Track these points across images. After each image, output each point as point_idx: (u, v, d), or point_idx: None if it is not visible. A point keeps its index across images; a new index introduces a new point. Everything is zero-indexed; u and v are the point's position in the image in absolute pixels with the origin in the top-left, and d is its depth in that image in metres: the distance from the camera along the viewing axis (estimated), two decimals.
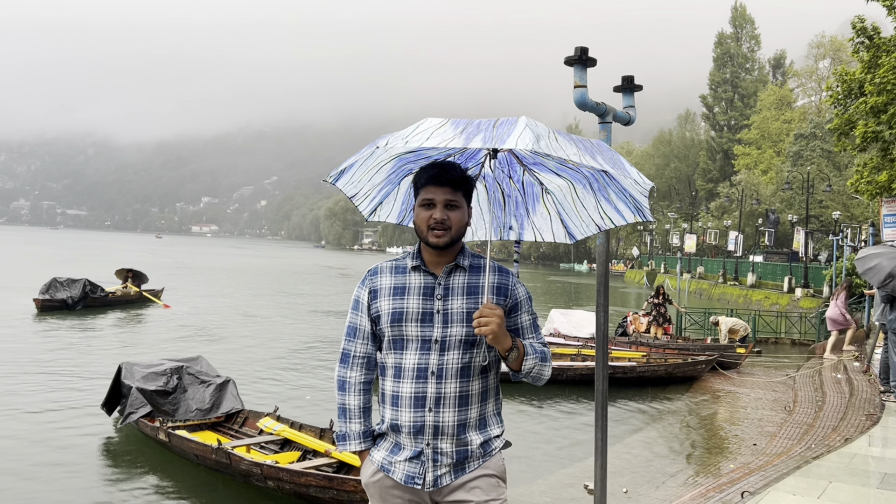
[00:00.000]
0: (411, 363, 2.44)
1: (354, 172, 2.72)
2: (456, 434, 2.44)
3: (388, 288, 2.51)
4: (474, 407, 2.48)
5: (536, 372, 2.48)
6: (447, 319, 2.44)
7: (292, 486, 6.99)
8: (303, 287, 41.23)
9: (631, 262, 79.36)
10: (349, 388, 2.57)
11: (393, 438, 2.51)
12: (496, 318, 2.32)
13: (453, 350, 2.44)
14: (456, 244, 2.51)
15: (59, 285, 23.91)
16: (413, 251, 2.57)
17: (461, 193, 2.48)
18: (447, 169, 2.45)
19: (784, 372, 15.27)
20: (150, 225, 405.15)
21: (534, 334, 2.57)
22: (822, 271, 35.60)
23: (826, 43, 63.75)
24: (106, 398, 9.68)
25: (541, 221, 2.94)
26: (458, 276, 2.50)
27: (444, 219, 2.43)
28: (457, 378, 2.44)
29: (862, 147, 18.49)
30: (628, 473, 8.33)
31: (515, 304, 2.55)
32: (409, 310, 2.46)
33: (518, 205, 2.94)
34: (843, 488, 5.83)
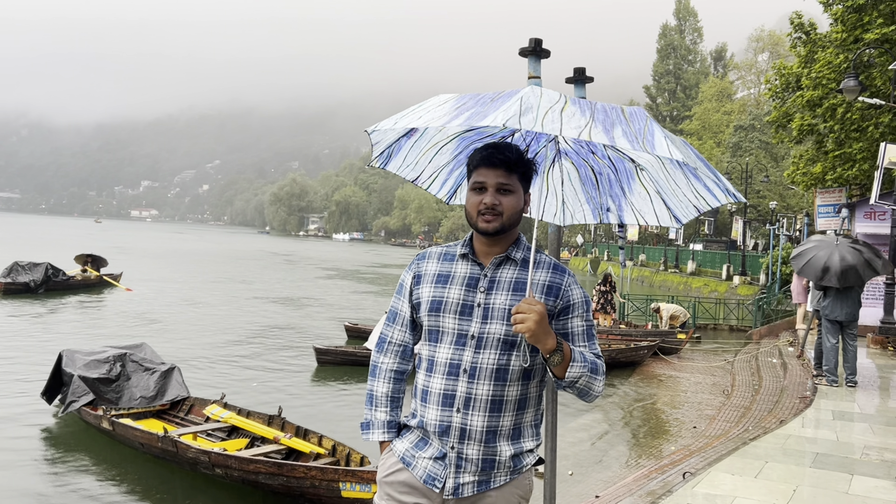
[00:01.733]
0: (444, 358, 2.27)
1: (406, 154, 2.60)
2: (484, 441, 2.24)
3: (432, 274, 2.36)
4: (508, 414, 2.27)
5: (584, 383, 2.21)
6: (487, 314, 2.25)
7: (241, 474, 6.95)
8: (248, 273, 40.70)
9: (575, 250, 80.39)
10: (379, 373, 2.44)
11: (420, 433, 2.33)
12: (535, 315, 2.08)
13: (490, 348, 2.24)
14: (509, 232, 2.31)
15: (21, 269, 24.13)
16: (466, 238, 2.40)
17: (516, 177, 2.27)
18: (501, 149, 2.26)
19: (722, 357, 15.75)
20: (88, 209, 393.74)
21: (587, 343, 2.31)
22: (759, 259, 36.68)
23: (765, 37, 65.43)
24: (46, 387, 9.47)
25: (640, 202, 2.65)
26: (508, 269, 2.30)
27: (495, 203, 2.23)
28: (491, 380, 2.23)
29: (798, 139, 19.12)
30: (573, 456, 8.52)
31: (567, 306, 2.30)
32: (448, 300, 2.29)
33: (612, 183, 2.67)
34: (778, 468, 6.08)
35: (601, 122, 1.96)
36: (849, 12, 16.53)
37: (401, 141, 2.56)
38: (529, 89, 2.02)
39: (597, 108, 2.04)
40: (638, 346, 14.93)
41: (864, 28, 16.04)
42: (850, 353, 9.81)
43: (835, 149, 17.61)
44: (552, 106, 1.96)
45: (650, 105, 79.02)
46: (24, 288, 23.71)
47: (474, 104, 2.05)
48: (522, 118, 1.90)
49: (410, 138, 2.57)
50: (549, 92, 2.03)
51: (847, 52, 16.49)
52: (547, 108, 1.94)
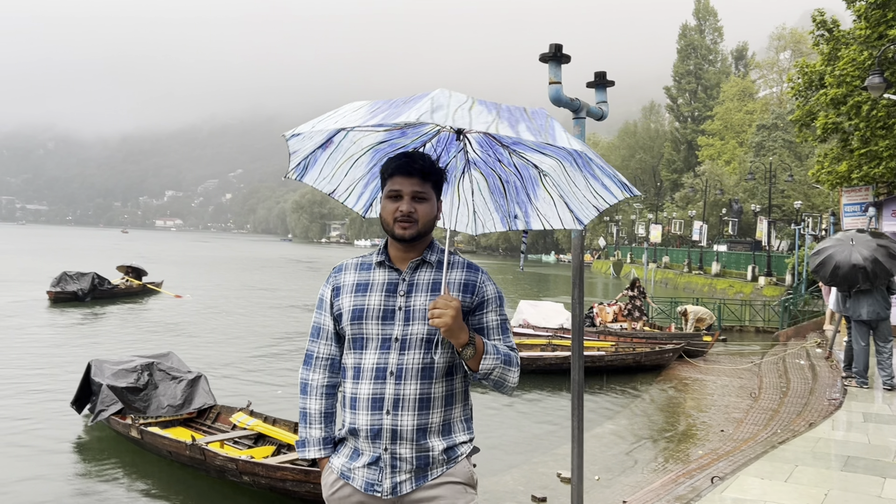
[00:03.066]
0: (370, 363, 2.32)
1: (322, 167, 2.62)
2: (415, 439, 2.30)
3: (350, 285, 2.41)
4: (436, 411, 2.33)
5: (498, 375, 2.32)
6: (409, 317, 2.32)
7: (268, 481, 6.99)
8: (272, 280, 40.93)
9: (597, 253, 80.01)
10: (311, 391, 2.47)
11: (352, 444, 2.38)
12: (451, 310, 2.17)
13: (414, 349, 2.30)
14: (424, 238, 2.39)
15: (70, 278, 25.44)
16: (380, 246, 2.46)
17: (430, 185, 2.36)
18: (415, 159, 2.34)
19: (749, 359, 15.58)
20: (113, 220, 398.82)
21: (501, 336, 2.40)
22: (784, 260, 36.29)
23: (787, 35, 64.78)
24: (75, 396, 9.58)
25: (545, 207, 2.70)
26: (424, 272, 2.38)
27: (410, 211, 2.32)
28: (417, 379, 2.30)
29: (822, 138, 18.88)
30: (599, 461, 8.47)
31: (482, 301, 2.40)
32: (369, 307, 2.34)
33: (518, 190, 2.72)
34: (808, 471, 6.01)
35: (506, 118, 2.04)
36: (872, 8, 16.32)
37: (316, 153, 2.58)
38: (439, 91, 2.07)
39: (502, 107, 2.11)
40: (663, 349, 14.82)
41: (889, 24, 15.83)
42: (883, 356, 9.61)
43: (860, 147, 17.38)
44: (461, 105, 2.04)
45: (671, 106, 78.63)
46: (73, 296, 24.94)
47: (388, 107, 2.10)
48: (434, 114, 1.96)
49: (326, 150, 2.59)
50: (458, 94, 2.10)
51: (871, 49, 16.27)
52: (457, 107, 2.02)
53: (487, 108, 2.08)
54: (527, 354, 14.15)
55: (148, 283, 29.63)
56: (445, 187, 2.74)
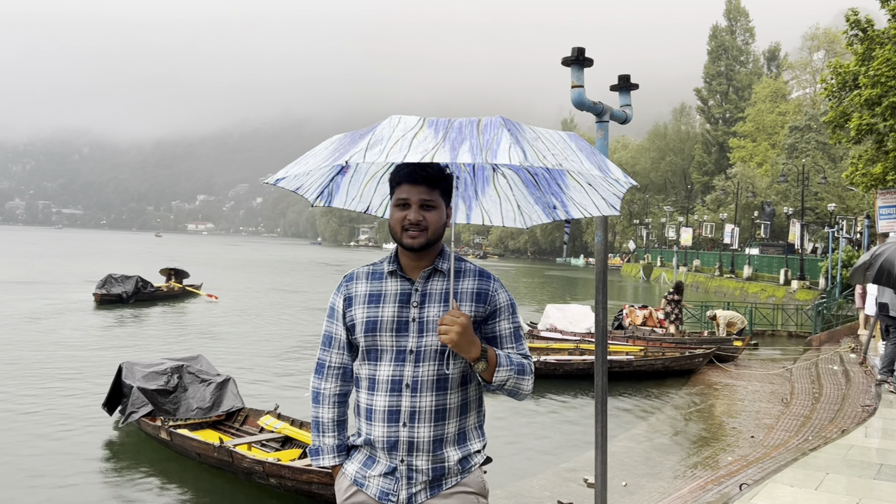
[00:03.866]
0: (385, 375, 2.31)
1: (347, 190, 2.64)
2: (432, 450, 2.30)
3: (363, 295, 2.38)
4: (452, 421, 2.34)
5: (512, 385, 2.31)
6: (423, 328, 2.30)
7: (294, 484, 7.03)
8: (301, 283, 41.24)
9: (627, 256, 79.45)
10: (323, 399, 2.46)
11: (367, 451, 2.38)
12: (457, 326, 2.17)
13: (429, 361, 2.29)
14: (433, 246, 2.37)
15: (114, 281, 26.52)
16: (390, 255, 2.42)
17: (438, 192, 2.34)
18: (422, 166, 2.30)
19: (781, 364, 15.36)
20: (146, 223, 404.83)
21: (514, 344, 2.40)
22: (817, 263, 35.72)
23: (820, 35, 63.88)
24: (107, 398, 9.72)
25: (578, 195, 2.62)
26: (437, 282, 2.36)
27: (419, 220, 2.30)
28: (433, 391, 2.30)
29: (857, 139, 18.60)
30: (627, 467, 8.40)
31: (495, 310, 2.39)
32: (383, 319, 2.32)
33: (549, 182, 2.67)
34: (840, 479, 5.90)
35: (451, 140, 1.99)
36: None
37: (336, 179, 2.58)
38: (388, 121, 2.07)
39: (453, 126, 2.07)
40: (693, 354, 14.65)
41: None
42: None
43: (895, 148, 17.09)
44: (405, 134, 2.02)
45: (702, 108, 77.90)
46: (117, 298, 25.91)
47: (349, 141, 2.10)
48: (368, 152, 1.97)
49: (345, 175, 2.60)
50: (408, 119, 2.08)
51: None
52: (398, 138, 2.00)
53: (435, 130, 2.04)
54: (554, 358, 14.09)
55: (188, 286, 30.66)
56: (482, 186, 2.78)
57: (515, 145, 1.99)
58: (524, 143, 2.05)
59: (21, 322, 20.50)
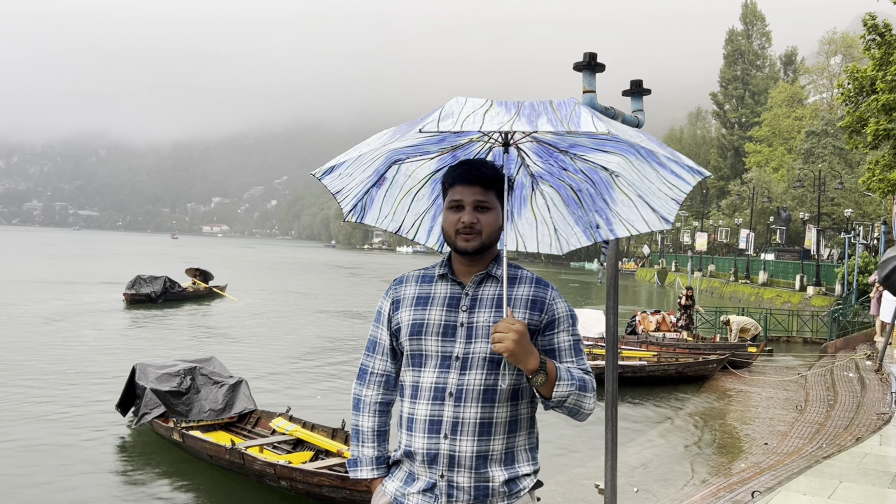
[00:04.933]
0: (428, 382, 2.17)
1: (381, 206, 2.52)
2: (474, 467, 2.13)
3: (410, 298, 2.26)
4: (499, 438, 2.16)
5: (573, 402, 2.12)
6: (471, 334, 2.16)
7: (305, 486, 7.05)
8: (314, 286, 41.33)
9: (642, 261, 79.16)
10: (363, 407, 2.33)
11: (407, 467, 2.23)
12: (513, 334, 1.99)
13: (476, 369, 2.14)
14: (488, 251, 2.24)
15: (143, 282, 27.45)
16: (444, 259, 2.31)
17: (493, 193, 2.21)
18: (477, 166, 2.20)
19: (796, 371, 15.24)
20: (162, 225, 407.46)
21: (574, 358, 2.21)
22: (834, 269, 35.44)
23: (837, 39, 63.43)
24: (120, 399, 9.79)
25: (626, 210, 2.47)
26: (489, 287, 2.22)
27: (473, 222, 2.17)
28: (478, 402, 2.13)
29: (874, 144, 18.44)
30: (639, 473, 8.36)
31: (553, 320, 2.21)
32: (430, 322, 2.19)
33: (594, 197, 2.52)
34: (854, 488, 5.84)
35: (526, 115, 1.92)
36: None
37: (371, 192, 2.49)
38: (454, 100, 1.99)
39: (524, 105, 1.99)
40: (706, 360, 14.57)
41: None
42: None
43: None
44: (475, 110, 1.93)
45: (718, 112, 77.52)
46: (146, 298, 26.80)
47: (407, 127, 2.02)
48: (441, 123, 1.88)
49: (380, 187, 2.50)
50: (475, 99, 2.00)
51: None
52: (469, 113, 1.92)
53: (507, 108, 1.96)
54: None
55: (214, 287, 31.66)
56: (518, 207, 2.64)
57: (597, 119, 1.92)
58: (604, 119, 1.96)
59: (51, 321, 21.03)
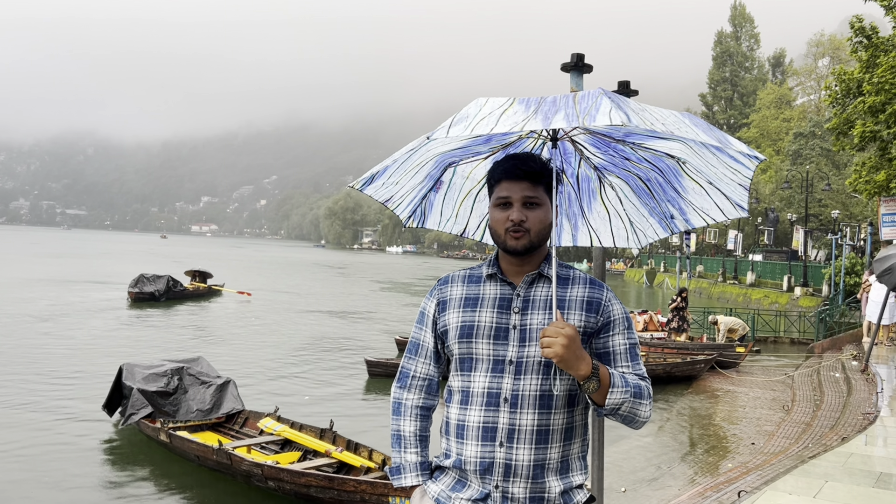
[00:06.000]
0: (481, 387, 2.06)
1: (441, 210, 2.49)
2: (532, 476, 2.02)
3: (458, 299, 2.16)
4: (555, 446, 2.05)
5: (628, 409, 2.00)
6: (525, 337, 2.05)
7: (293, 487, 7.03)
8: (303, 285, 41.23)
9: (630, 261, 79.37)
10: (405, 411, 2.22)
11: (455, 474, 2.11)
12: (562, 338, 1.90)
13: (531, 374, 2.03)
14: (539, 249, 2.13)
15: (146, 280, 28.10)
16: (490, 258, 2.21)
17: (542, 188, 2.11)
18: (524, 160, 2.10)
19: (783, 371, 15.33)
20: (150, 224, 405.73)
21: (629, 363, 2.10)
22: (821, 270, 35.67)
23: (825, 42, 63.85)
24: (107, 399, 9.74)
25: (699, 199, 2.36)
26: (541, 288, 2.12)
27: (521, 219, 2.06)
28: (535, 408, 2.02)
29: (860, 146, 18.57)
30: (627, 472, 8.38)
31: (608, 322, 2.11)
32: (480, 324, 2.09)
33: (664, 187, 2.42)
34: (840, 487, 5.88)
35: (543, 112, 1.86)
36: None
37: (429, 197, 2.45)
38: (474, 102, 1.95)
39: (546, 100, 1.93)
40: (694, 360, 14.63)
41: None
42: None
43: None
44: (492, 111, 1.88)
45: (706, 113, 77.75)
46: (150, 297, 27.41)
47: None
48: (452, 128, 1.85)
49: (438, 192, 2.45)
50: (496, 99, 1.95)
51: None
52: (485, 115, 1.87)
53: (526, 106, 1.89)
54: None
55: (213, 286, 32.66)
56: (588, 201, 2.58)
57: (617, 109, 1.81)
58: (627, 109, 1.86)
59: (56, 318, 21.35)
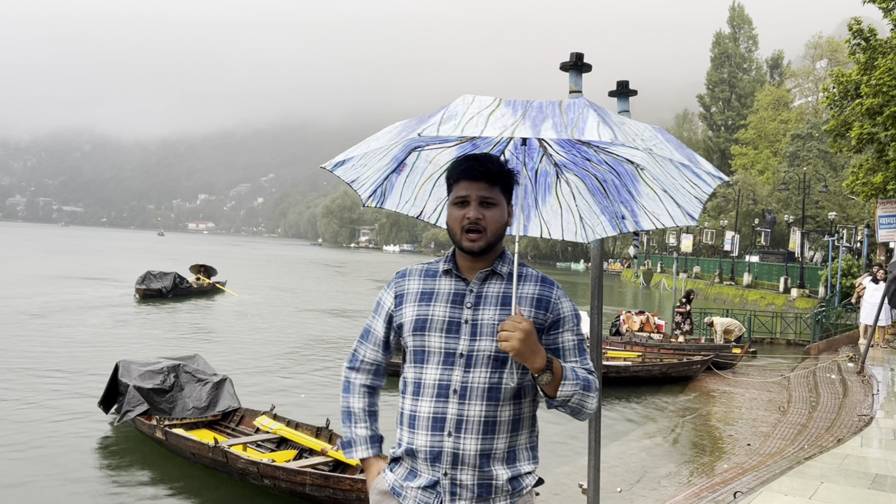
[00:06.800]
0: (432, 379, 2.15)
1: (401, 191, 2.56)
2: (478, 465, 2.12)
3: (414, 293, 2.24)
4: (502, 436, 2.15)
5: (577, 402, 2.09)
6: (476, 331, 2.14)
7: (288, 485, 7.02)
8: (300, 284, 41.21)
9: (627, 262, 79.45)
10: (353, 388, 2.35)
11: (409, 464, 2.21)
12: (520, 332, 1.98)
13: (480, 367, 2.12)
14: (494, 248, 2.20)
15: (153, 277, 28.56)
16: (448, 254, 2.28)
17: (498, 189, 2.18)
18: (482, 161, 2.17)
19: (779, 372, 15.35)
20: (146, 222, 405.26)
21: (578, 358, 2.20)
22: (817, 272, 35.72)
23: (823, 44, 63.89)
24: (103, 396, 9.71)
25: (651, 204, 2.46)
26: (494, 284, 2.20)
27: (479, 217, 2.14)
28: (483, 399, 2.11)
29: (858, 148, 18.62)
30: (623, 473, 8.38)
31: (558, 320, 2.20)
32: (433, 318, 2.18)
33: (619, 189, 2.50)
34: (835, 489, 5.89)
35: (531, 118, 1.90)
36: None
37: (391, 178, 2.51)
38: (461, 99, 1.99)
39: (532, 105, 1.98)
40: (691, 361, 14.65)
41: None
42: None
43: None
44: (480, 111, 1.92)
45: (704, 114, 77.89)
46: (157, 293, 27.78)
47: (416, 122, 2.01)
48: (443, 126, 1.89)
49: (400, 174, 2.52)
50: (483, 98, 1.99)
51: None
52: (473, 114, 1.91)
53: (513, 109, 1.93)
54: None
55: (216, 283, 33.08)
56: (543, 194, 2.64)
57: (604, 124, 1.89)
58: (612, 124, 1.93)
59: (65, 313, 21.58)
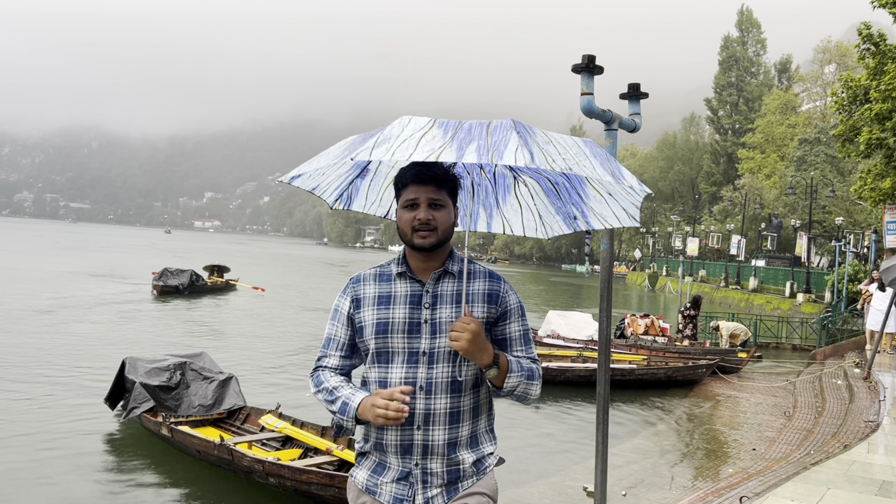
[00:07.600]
0: (398, 377, 2.28)
1: (367, 194, 2.66)
2: (446, 453, 2.29)
3: (371, 297, 2.35)
4: (466, 424, 2.33)
5: (521, 391, 2.32)
6: (435, 330, 2.29)
7: (294, 484, 7.03)
8: (305, 283, 41.26)
9: (633, 265, 79.32)
10: (324, 377, 2.37)
11: (377, 457, 2.34)
12: (468, 333, 2.16)
13: (442, 363, 2.28)
14: (443, 247, 2.35)
15: (170, 274, 29.58)
16: (398, 256, 2.40)
17: (445, 192, 2.32)
18: (429, 166, 2.29)
19: (784, 377, 15.30)
20: (153, 219, 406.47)
21: (523, 347, 2.40)
22: (824, 277, 35.60)
23: (832, 48, 63.65)
24: (109, 393, 9.74)
25: (599, 206, 2.58)
26: (448, 283, 2.35)
27: (428, 219, 2.27)
28: (447, 393, 2.28)
29: (866, 153, 18.53)
30: (627, 476, 8.37)
31: (505, 311, 2.38)
32: (395, 320, 2.30)
33: (569, 191, 2.62)
34: (841, 495, 5.86)
35: (459, 140, 2.00)
36: None
37: (356, 183, 2.61)
38: (398, 121, 2.09)
39: (462, 127, 2.07)
40: (696, 365, 14.61)
41: None
42: None
43: None
44: (413, 133, 2.03)
45: (711, 118, 77.74)
46: (174, 290, 28.61)
47: (359, 141, 2.11)
48: (375, 150, 2.00)
49: (364, 178, 2.62)
50: (419, 119, 2.09)
51: None
52: (406, 137, 2.01)
53: (444, 131, 2.04)
54: (557, 365, 14.07)
55: (230, 280, 34.34)
56: (503, 194, 2.75)
57: (523, 147, 1.98)
58: (533, 145, 2.04)
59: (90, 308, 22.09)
